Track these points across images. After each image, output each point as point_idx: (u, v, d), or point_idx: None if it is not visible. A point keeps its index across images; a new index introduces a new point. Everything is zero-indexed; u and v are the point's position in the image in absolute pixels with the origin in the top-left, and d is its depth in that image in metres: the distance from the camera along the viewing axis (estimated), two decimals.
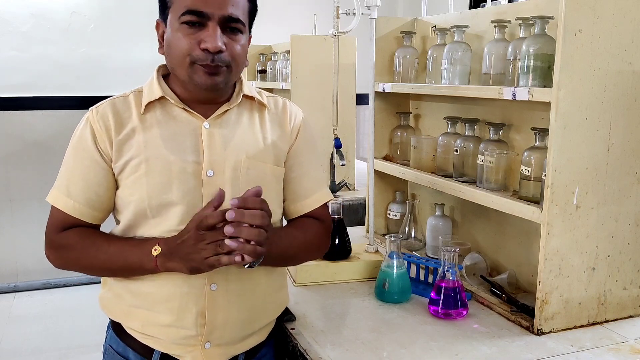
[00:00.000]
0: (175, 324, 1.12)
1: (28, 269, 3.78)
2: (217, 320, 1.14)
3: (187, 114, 1.15)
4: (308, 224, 1.26)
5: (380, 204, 1.98)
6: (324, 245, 1.30)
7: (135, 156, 1.11)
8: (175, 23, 1.09)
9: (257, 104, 1.22)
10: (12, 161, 3.69)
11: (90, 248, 1.13)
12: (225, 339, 1.16)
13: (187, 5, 1.07)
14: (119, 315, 1.19)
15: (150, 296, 1.13)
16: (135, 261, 1.10)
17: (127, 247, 1.11)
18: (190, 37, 1.08)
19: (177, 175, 1.11)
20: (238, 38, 1.11)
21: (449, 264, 1.36)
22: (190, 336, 1.13)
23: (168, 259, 1.07)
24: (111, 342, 1.22)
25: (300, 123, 1.26)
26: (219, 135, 1.15)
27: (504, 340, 1.26)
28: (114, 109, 1.14)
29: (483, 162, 1.47)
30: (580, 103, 1.21)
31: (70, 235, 1.15)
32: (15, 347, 2.97)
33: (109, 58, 3.81)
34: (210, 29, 1.07)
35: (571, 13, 1.16)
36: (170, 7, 1.10)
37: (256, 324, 1.21)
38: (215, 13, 1.07)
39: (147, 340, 1.16)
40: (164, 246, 1.07)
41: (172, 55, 1.12)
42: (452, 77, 1.60)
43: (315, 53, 2.76)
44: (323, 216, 1.29)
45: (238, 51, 1.11)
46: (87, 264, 1.14)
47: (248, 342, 1.21)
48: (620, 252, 1.33)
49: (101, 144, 1.12)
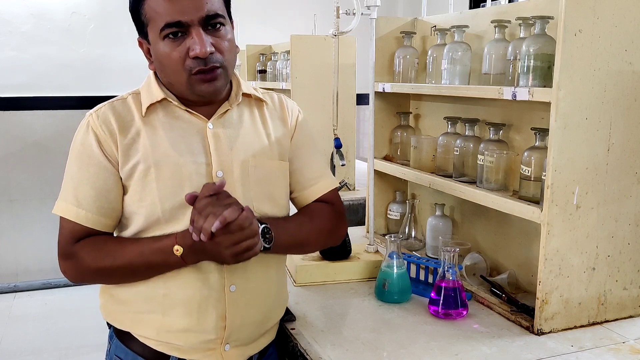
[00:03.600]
0: (194, 328, 1.11)
1: (28, 269, 3.78)
2: (236, 322, 1.13)
3: (190, 115, 1.14)
4: (316, 208, 1.26)
5: (380, 204, 1.98)
6: (337, 227, 1.29)
7: (143, 160, 1.09)
8: (158, 39, 1.07)
9: (255, 101, 1.22)
10: (12, 161, 3.69)
11: (108, 255, 1.10)
12: (242, 340, 1.16)
13: (164, 19, 1.05)
14: (128, 323, 1.15)
15: (167, 299, 1.11)
16: (158, 262, 1.08)
17: (145, 249, 1.08)
18: (177, 49, 1.06)
19: (189, 177, 1.10)
20: (222, 33, 1.10)
21: (449, 264, 1.36)
22: (209, 340, 1.12)
23: (197, 256, 1.06)
24: (117, 352, 1.18)
25: (297, 116, 1.28)
26: (224, 135, 1.14)
27: (504, 340, 1.26)
28: (114, 112, 1.12)
29: (483, 162, 1.47)
30: (580, 103, 1.21)
31: (85, 245, 1.11)
32: (15, 347, 2.97)
33: (109, 58, 3.81)
34: (194, 35, 1.06)
35: (571, 13, 1.16)
36: (147, 24, 1.09)
37: (268, 323, 1.22)
38: (194, 18, 1.05)
39: (162, 347, 1.13)
40: (182, 244, 1.05)
41: (166, 72, 1.11)
42: (452, 77, 1.60)
43: (315, 53, 2.76)
44: (332, 199, 1.28)
45: (226, 47, 1.10)
46: (105, 272, 1.11)
47: (261, 341, 1.21)
48: (620, 252, 1.33)
49: (107, 149, 1.10)
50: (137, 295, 1.13)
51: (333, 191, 1.29)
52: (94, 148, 1.10)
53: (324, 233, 1.27)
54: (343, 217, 1.31)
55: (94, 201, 1.10)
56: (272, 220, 1.15)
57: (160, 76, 1.14)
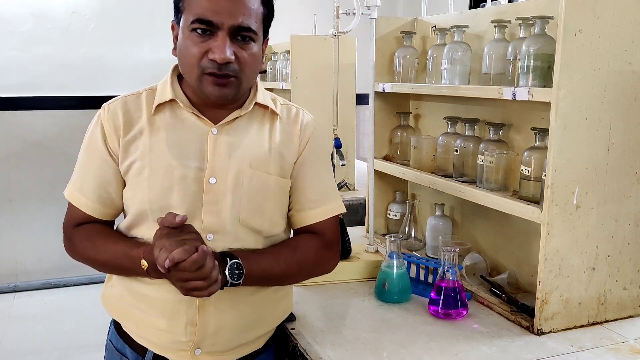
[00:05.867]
0: (167, 328, 1.13)
1: (28, 269, 3.78)
2: (209, 329, 1.13)
3: (195, 119, 1.14)
4: (301, 240, 1.22)
5: (380, 204, 1.98)
6: (324, 260, 1.23)
7: (140, 159, 1.12)
8: (186, 29, 1.08)
9: (270, 112, 1.21)
10: (12, 161, 3.69)
11: (92, 247, 1.16)
12: (217, 347, 1.15)
13: (197, 13, 1.05)
14: (118, 314, 1.21)
15: (146, 299, 1.14)
16: (129, 267, 1.12)
17: (119, 253, 1.12)
18: (198, 45, 1.06)
19: (178, 181, 1.10)
20: (249, 46, 1.09)
21: (449, 264, 1.36)
22: (180, 341, 1.13)
23: (156, 274, 1.07)
24: (112, 338, 1.24)
25: (310, 134, 1.23)
26: (225, 142, 1.14)
27: (504, 340, 1.26)
28: (124, 108, 1.15)
29: (483, 162, 1.47)
30: (580, 103, 1.21)
31: (81, 231, 1.18)
32: (15, 347, 2.97)
33: (109, 58, 3.81)
34: (219, 39, 1.05)
35: (571, 13, 1.16)
36: (183, 11, 1.09)
37: (252, 332, 1.19)
38: (225, 23, 1.05)
39: (141, 340, 1.17)
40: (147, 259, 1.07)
41: (182, 62, 1.12)
42: (452, 77, 1.60)
43: (315, 53, 2.76)
44: (325, 230, 1.22)
45: (248, 60, 1.09)
46: (93, 260, 1.17)
47: (242, 350, 1.19)
48: (620, 252, 1.33)
49: (110, 144, 1.14)
50: (128, 290, 1.17)
51: (330, 219, 1.23)
52: (99, 141, 1.14)
53: (309, 265, 1.21)
54: (333, 248, 1.24)
55: (95, 191, 1.16)
56: (246, 253, 1.12)
57: (179, 65, 1.15)
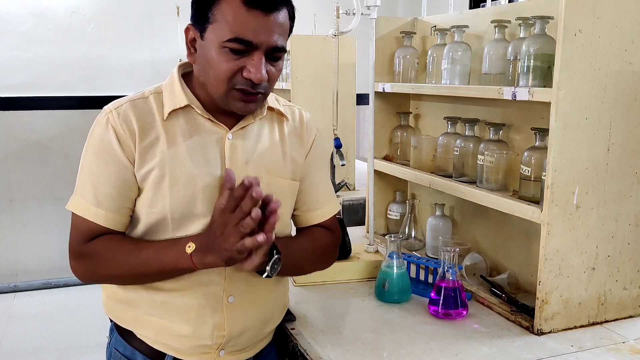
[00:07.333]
0: (191, 334, 1.12)
1: (28, 269, 3.78)
2: (235, 331, 1.14)
3: (211, 124, 1.12)
4: (318, 233, 1.27)
5: (380, 204, 1.98)
6: (332, 256, 1.30)
7: (159, 167, 1.07)
8: (217, 43, 1.03)
9: (277, 115, 1.21)
10: (12, 161, 3.69)
11: (119, 254, 1.08)
12: (239, 346, 1.17)
13: (235, 31, 1.01)
14: (130, 322, 1.16)
15: (165, 306, 1.12)
16: (170, 262, 1.06)
17: (159, 248, 1.07)
18: (233, 62, 1.03)
19: (202, 190, 1.09)
20: (278, 63, 1.09)
21: (449, 264, 1.36)
22: (205, 345, 1.13)
23: (204, 255, 1.03)
24: (117, 346, 1.19)
25: (314, 136, 1.26)
26: (241, 148, 1.13)
27: (504, 340, 1.26)
28: (136, 112, 1.09)
29: (483, 162, 1.47)
30: (580, 103, 1.21)
31: (98, 244, 1.09)
32: (15, 347, 2.97)
33: (109, 58, 3.81)
34: (255, 59, 1.04)
35: (571, 13, 1.16)
36: (212, 23, 1.03)
37: (267, 329, 1.22)
38: (264, 43, 1.03)
39: (159, 346, 1.14)
40: (197, 242, 1.04)
41: (208, 74, 1.07)
42: (452, 77, 1.60)
43: (315, 53, 2.76)
44: (333, 227, 1.29)
45: (276, 76, 1.10)
46: (118, 272, 1.09)
47: (258, 346, 1.22)
48: (620, 252, 1.33)
49: (126, 149, 1.07)
50: (139, 297, 1.13)
51: (334, 218, 1.30)
52: (115, 146, 1.07)
53: (319, 259, 1.28)
54: (338, 246, 1.32)
55: (115, 200, 1.08)
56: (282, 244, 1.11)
57: (197, 72, 1.11)
